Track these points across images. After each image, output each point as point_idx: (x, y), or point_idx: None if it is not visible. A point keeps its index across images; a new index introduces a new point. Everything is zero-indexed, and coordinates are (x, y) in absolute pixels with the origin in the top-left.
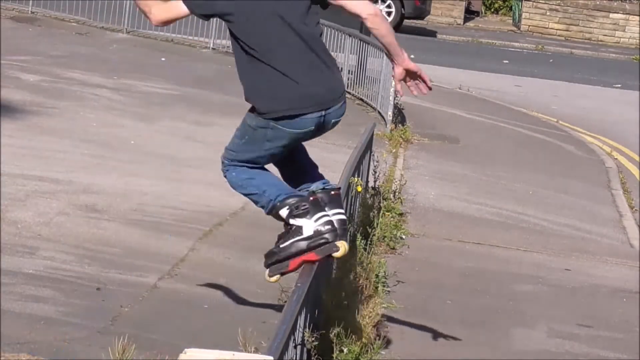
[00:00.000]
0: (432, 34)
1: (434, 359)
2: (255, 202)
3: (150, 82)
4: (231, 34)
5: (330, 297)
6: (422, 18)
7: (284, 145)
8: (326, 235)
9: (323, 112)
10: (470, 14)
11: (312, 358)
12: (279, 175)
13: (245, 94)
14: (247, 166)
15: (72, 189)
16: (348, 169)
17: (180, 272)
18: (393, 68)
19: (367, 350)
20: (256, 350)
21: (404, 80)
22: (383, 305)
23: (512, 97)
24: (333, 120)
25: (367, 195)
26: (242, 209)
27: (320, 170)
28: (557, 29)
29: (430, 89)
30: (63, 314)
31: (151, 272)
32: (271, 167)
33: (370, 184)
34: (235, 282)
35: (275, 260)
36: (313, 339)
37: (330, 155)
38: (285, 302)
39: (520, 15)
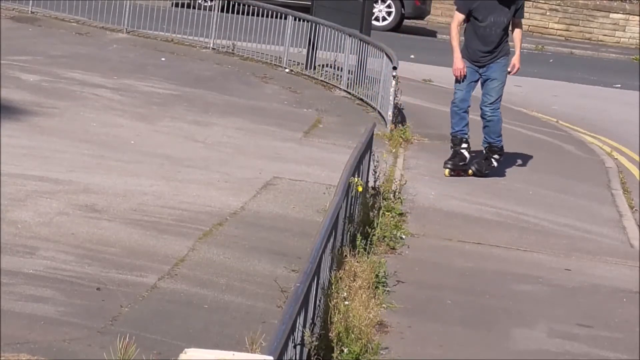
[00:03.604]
0: (432, 34)
1: (433, 359)
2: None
3: (150, 82)
4: None
5: (330, 297)
6: (422, 18)
7: None
8: None
9: None
10: None
11: (312, 358)
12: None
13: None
14: None
15: (72, 189)
16: (348, 169)
17: (180, 272)
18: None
19: (367, 351)
20: (256, 350)
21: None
22: (383, 305)
23: (512, 97)
24: None
25: (367, 195)
26: (242, 209)
27: (321, 170)
28: (557, 29)
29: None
30: (63, 314)
31: (151, 272)
32: None
33: (370, 184)
34: (235, 282)
35: None
36: (313, 339)
37: (330, 155)
38: (285, 302)
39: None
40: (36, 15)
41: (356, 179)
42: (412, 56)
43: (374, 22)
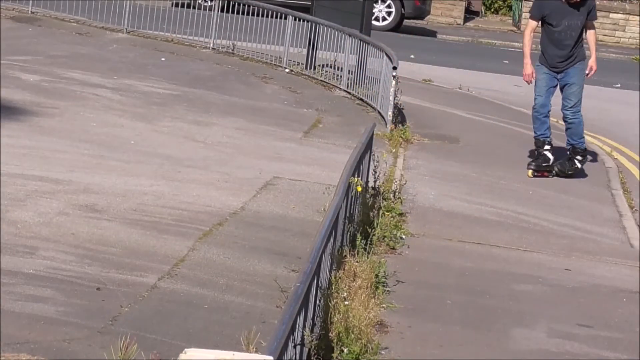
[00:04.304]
0: (432, 34)
1: (433, 359)
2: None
3: (150, 82)
4: None
5: (330, 297)
6: (422, 18)
7: None
8: None
9: None
10: (470, 14)
11: (312, 358)
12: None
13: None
14: None
15: (72, 189)
16: (348, 169)
17: (180, 272)
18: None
19: (367, 351)
20: (256, 350)
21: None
22: (383, 305)
23: (512, 97)
24: None
25: (367, 195)
26: (242, 209)
27: (321, 170)
28: None
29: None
30: (63, 314)
31: (151, 272)
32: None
33: (370, 184)
34: (235, 282)
35: None
36: (313, 339)
37: (330, 155)
38: (285, 302)
39: (520, 15)
40: (36, 15)
41: (356, 179)
42: (412, 56)
43: (374, 22)
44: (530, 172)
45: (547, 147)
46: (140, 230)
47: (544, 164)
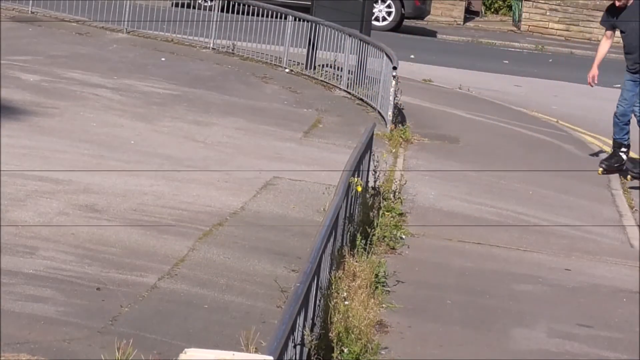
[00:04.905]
0: (432, 34)
1: (433, 359)
2: None
3: (150, 82)
4: None
5: (330, 297)
6: (422, 18)
7: None
8: None
9: None
10: (470, 14)
11: (312, 358)
12: None
13: None
14: None
15: (72, 189)
16: (348, 169)
17: (180, 272)
18: None
19: (367, 351)
20: (256, 350)
21: None
22: (383, 305)
23: (512, 97)
24: None
25: (367, 195)
26: (242, 209)
27: (321, 170)
28: (557, 29)
29: None
30: (63, 314)
31: (151, 272)
32: None
33: (370, 184)
34: (235, 282)
35: None
36: (313, 339)
37: (330, 155)
38: (285, 302)
39: (520, 15)
40: (36, 15)
41: (356, 179)
42: (412, 56)
43: (374, 22)
44: (600, 170)
45: (623, 149)
46: (140, 230)
47: (615, 165)
